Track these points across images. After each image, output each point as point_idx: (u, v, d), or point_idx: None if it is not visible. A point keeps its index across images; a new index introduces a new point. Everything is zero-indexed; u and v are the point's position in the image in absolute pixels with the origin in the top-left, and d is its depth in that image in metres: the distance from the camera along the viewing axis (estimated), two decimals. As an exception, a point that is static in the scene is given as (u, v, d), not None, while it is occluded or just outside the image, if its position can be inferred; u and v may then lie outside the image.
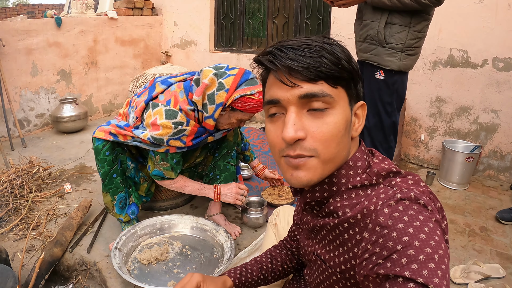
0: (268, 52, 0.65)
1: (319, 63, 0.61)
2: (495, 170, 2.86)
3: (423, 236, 0.53)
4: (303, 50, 0.62)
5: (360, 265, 0.59)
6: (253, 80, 1.55)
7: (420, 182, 0.65)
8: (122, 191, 1.82)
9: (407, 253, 0.52)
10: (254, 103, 1.54)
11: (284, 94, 0.63)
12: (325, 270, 0.72)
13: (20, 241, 1.92)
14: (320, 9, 3.60)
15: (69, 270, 1.80)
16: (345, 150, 0.67)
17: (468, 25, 2.71)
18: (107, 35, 4.17)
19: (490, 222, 2.22)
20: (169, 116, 1.54)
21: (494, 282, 1.70)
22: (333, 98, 0.62)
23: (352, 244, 0.64)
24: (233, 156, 1.94)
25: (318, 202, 0.73)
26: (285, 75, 0.62)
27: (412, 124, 3.13)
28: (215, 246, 1.76)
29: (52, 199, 2.33)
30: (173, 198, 2.15)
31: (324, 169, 0.65)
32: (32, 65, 3.59)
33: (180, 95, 1.59)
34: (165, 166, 1.70)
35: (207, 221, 1.85)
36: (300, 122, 0.63)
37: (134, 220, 1.89)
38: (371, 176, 0.67)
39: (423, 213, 0.56)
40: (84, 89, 4.11)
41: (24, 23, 3.48)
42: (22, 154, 3.01)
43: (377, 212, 0.59)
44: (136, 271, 1.62)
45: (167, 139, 1.57)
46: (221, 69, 1.55)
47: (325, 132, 0.62)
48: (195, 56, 4.49)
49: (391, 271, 0.52)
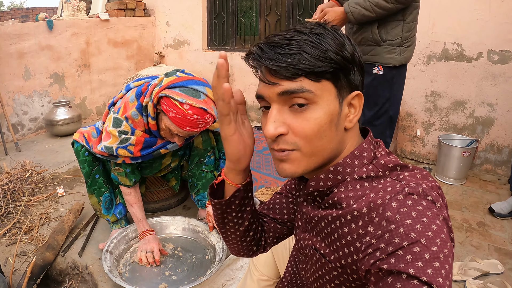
0: (250, 52, 0.66)
1: (297, 59, 0.60)
2: (493, 164, 2.84)
3: (430, 234, 0.52)
4: (284, 47, 0.61)
5: (363, 259, 0.58)
6: (195, 92, 1.40)
7: (429, 176, 0.64)
8: (107, 191, 1.81)
9: (413, 250, 0.51)
10: (177, 112, 1.37)
11: (266, 91, 0.65)
12: (324, 265, 0.71)
13: (12, 246, 1.90)
14: (312, 5, 3.58)
15: (61, 274, 1.79)
16: (332, 143, 0.66)
17: (462, 18, 2.68)
18: (99, 37, 4.15)
19: (488, 217, 2.20)
20: (115, 124, 1.52)
21: (493, 279, 1.66)
22: (313, 93, 0.62)
23: (353, 237, 0.63)
24: (208, 163, 1.86)
25: (321, 193, 0.71)
26: (264, 75, 0.63)
27: (408, 119, 3.11)
28: (207, 248, 1.75)
29: (45, 203, 2.31)
30: (165, 200, 2.13)
31: (309, 161, 0.66)
32: (25, 69, 3.56)
33: (130, 99, 1.54)
34: (119, 172, 1.67)
35: (199, 222, 1.83)
36: (281, 118, 0.64)
37: (123, 220, 1.87)
38: (378, 168, 0.66)
39: (431, 209, 0.56)
40: (77, 91, 4.09)
41: (16, 27, 3.45)
42: (16, 159, 2.99)
43: (385, 206, 0.58)
44: (127, 273, 1.60)
45: (116, 148, 1.54)
46: (176, 72, 1.49)
47: (305, 128, 0.62)
48: (188, 56, 4.47)
49: (395, 267, 0.51)
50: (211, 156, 1.86)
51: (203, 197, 1.87)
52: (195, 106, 1.37)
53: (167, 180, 2.03)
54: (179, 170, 2.00)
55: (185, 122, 1.38)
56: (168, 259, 1.69)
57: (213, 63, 4.28)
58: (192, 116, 1.37)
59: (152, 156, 1.65)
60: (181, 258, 1.70)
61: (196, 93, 1.40)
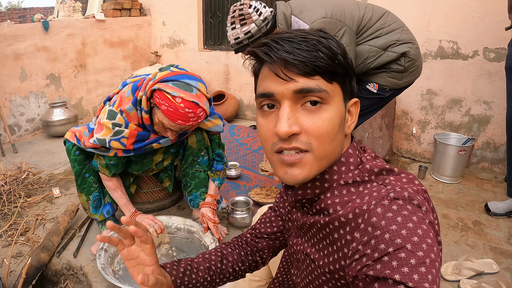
0: (263, 44, 0.62)
1: (315, 57, 0.59)
2: (489, 162, 2.84)
3: (416, 239, 0.52)
4: (300, 43, 0.59)
5: (350, 265, 0.58)
6: (187, 86, 1.42)
7: (415, 180, 0.63)
8: (96, 191, 1.82)
9: (398, 256, 0.51)
10: (169, 105, 1.38)
11: (278, 87, 0.61)
12: (314, 270, 0.71)
13: (8, 247, 1.90)
14: (309, 4, 3.57)
15: (56, 275, 1.79)
16: (339, 147, 0.65)
17: (457, 16, 2.68)
18: (95, 37, 4.14)
19: (484, 216, 2.19)
20: (109, 117, 1.53)
21: (487, 279, 1.64)
22: (328, 93, 0.60)
23: (342, 243, 0.62)
24: (202, 163, 1.87)
25: (309, 200, 0.71)
26: (281, 68, 0.60)
27: (404, 118, 3.11)
28: (201, 248, 1.75)
29: (41, 204, 2.31)
30: (160, 200, 2.13)
31: (319, 165, 0.63)
32: (21, 70, 3.56)
33: (126, 94, 1.56)
34: (101, 162, 1.69)
35: (195, 222, 1.83)
36: (294, 117, 0.60)
37: (111, 219, 1.88)
38: (363, 173, 0.65)
39: (417, 214, 0.55)
40: (74, 92, 4.08)
41: (11, 28, 3.45)
42: (13, 160, 2.98)
43: (370, 212, 0.57)
44: (121, 271, 1.61)
45: (109, 140, 1.55)
46: (170, 67, 1.51)
47: (320, 128, 0.60)
48: (184, 55, 4.47)
49: (381, 273, 0.51)
50: (205, 156, 1.86)
51: (195, 197, 1.88)
52: (187, 99, 1.38)
53: (160, 181, 2.03)
54: (172, 171, 2.00)
55: (176, 115, 1.39)
56: (162, 259, 1.70)
57: (209, 62, 4.27)
58: (184, 109, 1.38)
59: (144, 150, 1.66)
60: (175, 258, 1.71)
61: (188, 87, 1.41)
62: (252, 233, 0.98)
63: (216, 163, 1.91)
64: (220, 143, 1.94)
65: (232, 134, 3.18)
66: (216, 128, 1.81)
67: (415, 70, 1.87)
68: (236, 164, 2.57)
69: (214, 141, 1.90)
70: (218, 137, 1.91)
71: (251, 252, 0.96)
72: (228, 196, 2.23)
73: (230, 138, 3.12)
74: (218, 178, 1.90)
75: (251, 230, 0.99)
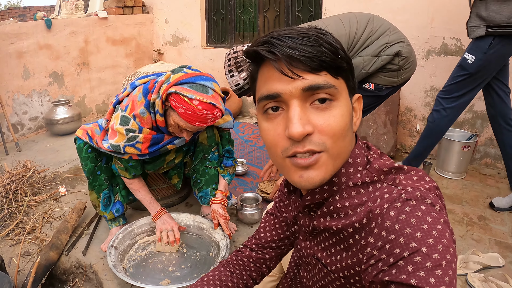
0: (264, 42, 0.58)
1: (320, 52, 0.56)
2: (492, 158, 2.85)
3: (431, 241, 0.51)
4: (302, 38, 0.57)
5: (366, 271, 0.57)
6: (203, 88, 1.42)
7: (425, 177, 0.62)
8: (106, 189, 1.82)
9: (414, 260, 0.50)
10: (186, 108, 1.39)
11: (285, 87, 0.57)
12: (327, 275, 0.69)
13: (16, 246, 1.90)
14: (311, 1, 3.57)
15: (65, 273, 1.80)
16: (351, 145, 0.64)
17: (460, 12, 2.67)
18: (98, 35, 4.13)
19: (488, 211, 2.21)
20: (122, 122, 1.53)
21: (494, 272, 1.67)
22: (337, 89, 0.58)
23: (357, 249, 0.61)
24: (212, 159, 1.87)
25: (317, 204, 0.69)
26: (286, 65, 0.56)
27: (407, 114, 3.11)
28: (211, 245, 1.76)
29: (47, 202, 2.32)
30: (168, 197, 2.14)
31: (334, 165, 0.61)
32: (24, 68, 3.55)
33: (138, 97, 1.55)
34: (119, 165, 1.70)
35: (204, 219, 1.84)
36: (305, 116, 0.57)
37: (120, 218, 1.89)
38: (372, 173, 0.63)
39: (431, 214, 0.54)
40: (77, 90, 4.08)
41: (14, 27, 3.44)
42: (17, 158, 2.99)
43: (383, 216, 0.56)
44: (131, 269, 1.62)
45: (123, 146, 1.55)
46: (183, 68, 1.50)
47: (333, 125, 0.58)
48: (187, 53, 4.46)
49: (397, 278, 0.50)
50: (215, 153, 1.87)
51: (206, 194, 1.88)
52: (204, 101, 1.39)
53: (169, 178, 2.04)
54: (181, 167, 2.00)
55: (195, 118, 1.40)
56: (172, 255, 1.71)
57: (212, 60, 4.27)
58: (202, 111, 1.39)
59: (159, 152, 1.66)
60: (185, 254, 1.72)
61: (204, 89, 1.42)
62: (257, 244, 0.94)
63: (226, 159, 1.92)
64: (230, 139, 1.94)
65: (237, 131, 3.19)
66: (226, 124, 1.82)
67: (410, 67, 1.88)
68: (243, 161, 2.58)
69: (224, 137, 1.91)
70: (228, 133, 1.92)
71: (255, 268, 0.93)
72: (236, 193, 2.24)
73: (235, 135, 3.13)
74: (228, 174, 1.90)
75: (255, 241, 0.94)
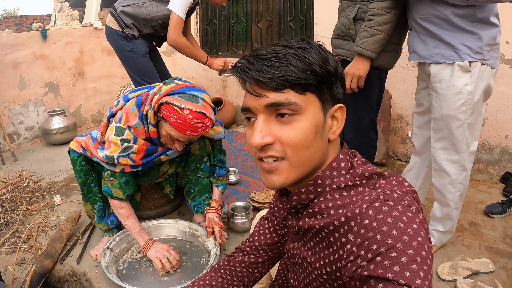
0: (241, 63, 0.68)
1: (284, 71, 0.63)
2: (484, 163, 2.88)
3: (406, 238, 0.55)
4: (271, 59, 0.64)
5: (346, 267, 0.61)
6: (194, 98, 1.46)
7: (404, 182, 0.67)
8: (100, 201, 1.85)
9: (390, 256, 0.54)
10: (178, 117, 1.42)
11: (253, 103, 0.67)
12: (311, 272, 0.74)
13: (11, 255, 1.93)
14: (302, 10, 3.64)
15: (60, 281, 1.82)
16: (318, 153, 0.69)
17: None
18: (93, 45, 4.19)
19: (480, 217, 2.21)
20: (117, 133, 1.56)
21: (483, 277, 1.67)
22: (299, 105, 0.64)
23: (337, 246, 0.66)
24: (204, 169, 1.91)
25: (303, 205, 0.74)
26: (252, 86, 0.66)
27: (399, 121, 3.17)
28: (203, 252, 1.80)
29: (43, 211, 2.34)
30: (161, 206, 2.17)
31: (297, 172, 0.68)
32: (20, 78, 3.59)
33: (132, 109, 1.59)
34: (113, 183, 1.67)
35: (199, 227, 1.88)
36: (268, 129, 0.66)
37: (115, 229, 1.92)
38: (355, 177, 0.68)
39: (407, 214, 0.58)
40: (72, 100, 4.12)
41: (10, 37, 3.49)
42: (13, 168, 3.01)
43: (362, 215, 0.61)
44: (124, 271, 1.68)
45: (117, 157, 1.58)
46: (174, 80, 1.54)
47: (292, 137, 0.65)
48: (181, 62, 4.51)
49: (374, 273, 0.54)
50: (207, 163, 1.91)
51: (199, 203, 1.92)
52: (194, 110, 1.43)
53: (161, 187, 2.07)
54: (174, 177, 2.04)
55: (185, 127, 1.44)
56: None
57: (206, 69, 4.31)
58: (192, 120, 1.43)
59: (152, 163, 1.69)
60: (179, 259, 1.77)
61: (195, 99, 1.46)
62: (251, 247, 0.99)
63: (219, 169, 1.96)
64: (222, 149, 1.98)
65: (230, 141, 3.22)
66: (218, 135, 1.87)
67: (391, 51, 1.78)
68: (235, 170, 2.62)
69: (216, 147, 1.95)
70: (219, 144, 1.96)
71: (247, 274, 0.97)
72: (228, 202, 2.28)
73: (228, 145, 3.17)
74: (222, 183, 1.95)
75: (249, 243, 1.00)
